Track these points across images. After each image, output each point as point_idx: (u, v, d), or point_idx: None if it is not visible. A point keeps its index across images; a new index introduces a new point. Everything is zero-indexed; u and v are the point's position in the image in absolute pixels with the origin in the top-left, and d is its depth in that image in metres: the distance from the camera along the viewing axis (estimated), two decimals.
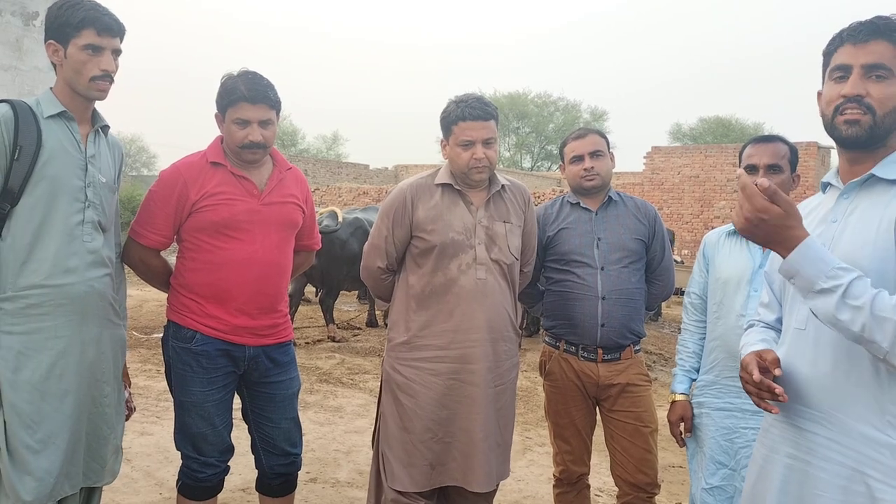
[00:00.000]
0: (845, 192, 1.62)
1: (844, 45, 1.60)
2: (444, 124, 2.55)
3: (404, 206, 2.54)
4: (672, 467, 4.46)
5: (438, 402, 2.43)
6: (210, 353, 2.49)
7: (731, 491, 2.44)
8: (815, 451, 1.54)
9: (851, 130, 1.56)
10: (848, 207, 1.59)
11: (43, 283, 2.11)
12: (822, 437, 1.53)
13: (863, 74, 1.56)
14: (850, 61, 1.58)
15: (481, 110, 2.47)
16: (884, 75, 1.54)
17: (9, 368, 2.08)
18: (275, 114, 2.53)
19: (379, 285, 2.65)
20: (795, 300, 1.64)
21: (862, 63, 1.56)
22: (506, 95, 40.78)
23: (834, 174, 1.69)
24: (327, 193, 20.38)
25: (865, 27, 1.57)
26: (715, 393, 2.54)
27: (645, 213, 2.89)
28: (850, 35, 1.60)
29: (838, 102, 1.58)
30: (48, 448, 2.11)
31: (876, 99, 1.54)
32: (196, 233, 2.50)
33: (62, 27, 2.15)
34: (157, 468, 3.97)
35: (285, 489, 2.73)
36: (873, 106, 1.54)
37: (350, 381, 6.33)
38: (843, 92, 1.57)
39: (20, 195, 2.09)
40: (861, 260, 1.49)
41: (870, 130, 1.55)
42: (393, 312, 2.59)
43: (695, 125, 38.19)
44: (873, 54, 1.55)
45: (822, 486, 1.52)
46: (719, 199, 16.97)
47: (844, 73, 1.59)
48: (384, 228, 2.55)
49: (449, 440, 2.44)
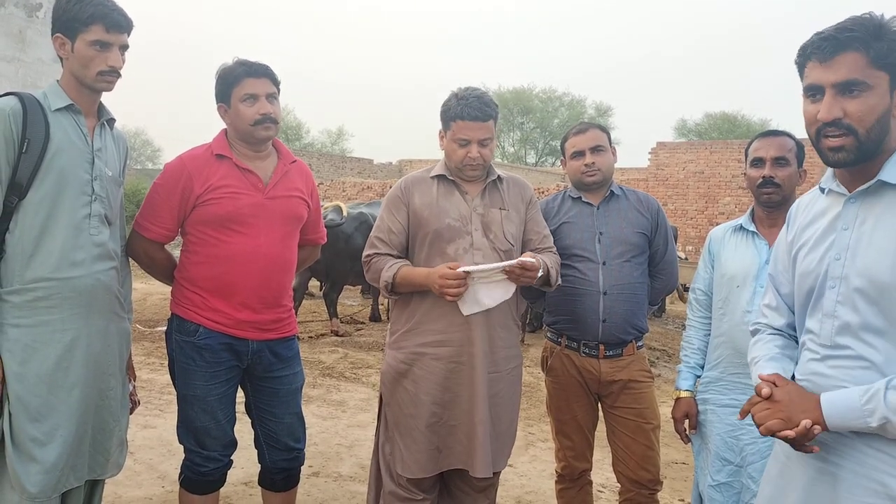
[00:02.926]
0: (853, 198, 1.56)
1: (812, 61, 1.52)
2: (443, 117, 2.55)
3: (402, 193, 2.58)
4: (675, 464, 4.46)
5: (441, 386, 2.44)
6: (213, 346, 2.49)
7: (738, 487, 2.43)
8: (846, 455, 1.50)
9: (839, 156, 1.50)
10: (858, 213, 1.54)
11: (50, 276, 2.11)
12: (854, 441, 1.49)
13: (835, 94, 1.48)
14: (821, 81, 1.49)
15: (480, 111, 2.45)
16: (858, 90, 1.46)
17: (16, 361, 2.08)
18: (277, 91, 2.55)
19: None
20: (814, 311, 1.60)
21: (832, 82, 1.48)
22: (510, 90, 40.71)
23: (831, 177, 1.63)
24: (331, 188, 20.39)
25: (829, 42, 1.48)
26: (720, 389, 2.53)
27: (647, 207, 2.88)
28: (813, 52, 1.51)
29: (817, 126, 1.51)
30: (54, 440, 2.12)
31: (854, 117, 1.47)
32: (200, 226, 2.50)
33: (70, 21, 2.14)
34: (159, 461, 3.98)
35: (288, 484, 2.73)
36: (853, 126, 1.47)
37: (353, 375, 6.34)
38: (818, 116, 1.50)
39: (28, 188, 2.09)
40: (881, 274, 1.45)
41: (856, 151, 1.49)
42: (396, 303, 2.60)
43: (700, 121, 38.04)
44: (841, 71, 1.46)
45: (853, 490, 1.48)
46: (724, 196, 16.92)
47: (817, 93, 1.51)
48: (386, 218, 2.57)
49: (454, 423, 2.45)
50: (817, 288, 1.59)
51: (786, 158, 2.47)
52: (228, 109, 2.51)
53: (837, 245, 1.55)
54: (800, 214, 1.73)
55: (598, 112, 41.04)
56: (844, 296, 1.52)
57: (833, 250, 1.55)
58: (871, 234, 1.50)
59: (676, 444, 4.40)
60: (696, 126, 37.86)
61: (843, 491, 1.49)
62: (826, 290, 1.56)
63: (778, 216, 2.51)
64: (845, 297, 1.52)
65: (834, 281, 1.54)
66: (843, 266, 1.53)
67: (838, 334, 1.53)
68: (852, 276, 1.51)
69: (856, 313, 1.50)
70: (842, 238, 1.55)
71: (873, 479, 1.45)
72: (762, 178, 2.46)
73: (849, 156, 1.49)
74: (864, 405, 1.40)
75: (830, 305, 1.55)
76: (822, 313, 1.57)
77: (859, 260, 1.50)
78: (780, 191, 2.46)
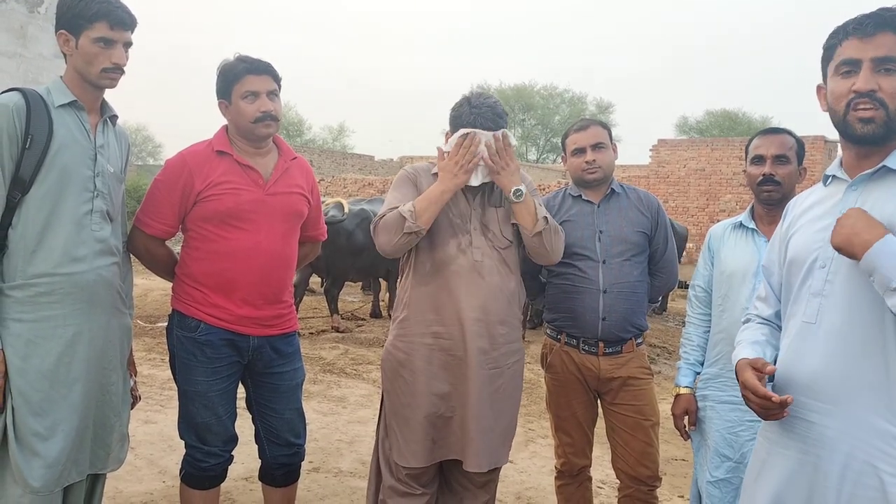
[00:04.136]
0: (854, 185, 1.60)
1: (850, 39, 1.58)
2: (453, 122, 2.51)
3: (411, 176, 2.58)
4: (675, 460, 4.47)
5: (438, 377, 2.45)
6: (214, 342, 2.50)
7: (736, 483, 2.44)
8: (825, 445, 1.54)
9: (868, 128, 1.55)
10: (858, 199, 1.58)
11: (52, 271, 2.12)
12: (832, 431, 1.53)
13: (873, 68, 1.54)
14: (859, 55, 1.55)
15: (493, 122, 2.44)
16: (894, 68, 1.52)
17: (18, 356, 2.09)
18: (278, 88, 2.55)
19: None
20: (802, 294, 1.64)
21: (871, 56, 1.54)
22: (512, 87, 40.65)
23: (837, 166, 1.68)
24: (332, 184, 20.39)
25: (872, 19, 1.55)
26: (719, 386, 2.54)
27: (647, 205, 2.88)
28: (855, 28, 1.57)
29: (849, 98, 1.56)
30: (56, 435, 2.13)
31: (888, 93, 1.52)
32: (201, 222, 2.51)
33: (74, 18, 2.14)
34: (160, 456, 3.99)
35: (288, 479, 2.74)
36: (885, 100, 1.53)
37: (353, 371, 6.36)
38: (854, 87, 1.55)
39: (31, 184, 2.10)
40: None
41: (885, 126, 1.54)
42: (398, 291, 2.61)
43: (701, 118, 38.02)
44: (882, 47, 1.53)
45: (833, 480, 1.51)
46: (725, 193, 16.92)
47: (852, 68, 1.56)
48: (398, 195, 2.53)
49: (450, 415, 2.46)
50: (805, 270, 1.63)
51: (786, 156, 2.47)
52: (229, 106, 2.52)
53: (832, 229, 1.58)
54: (796, 207, 1.78)
55: (599, 109, 40.99)
56: (835, 274, 1.57)
57: (827, 232, 1.58)
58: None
59: (676, 441, 4.41)
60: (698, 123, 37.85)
61: (825, 481, 1.53)
62: (815, 270, 1.61)
63: (777, 214, 2.51)
64: (836, 275, 1.56)
65: (825, 261, 1.59)
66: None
67: (825, 311, 1.57)
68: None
69: (846, 291, 1.54)
70: None
71: (853, 468, 1.49)
72: (762, 175, 2.47)
73: (878, 129, 1.54)
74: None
75: (819, 285, 1.59)
76: (810, 293, 1.61)
77: None
78: (780, 188, 2.46)
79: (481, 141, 2.40)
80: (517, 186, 2.43)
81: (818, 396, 1.56)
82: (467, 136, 2.40)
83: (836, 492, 1.51)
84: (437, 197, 2.40)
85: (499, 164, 2.42)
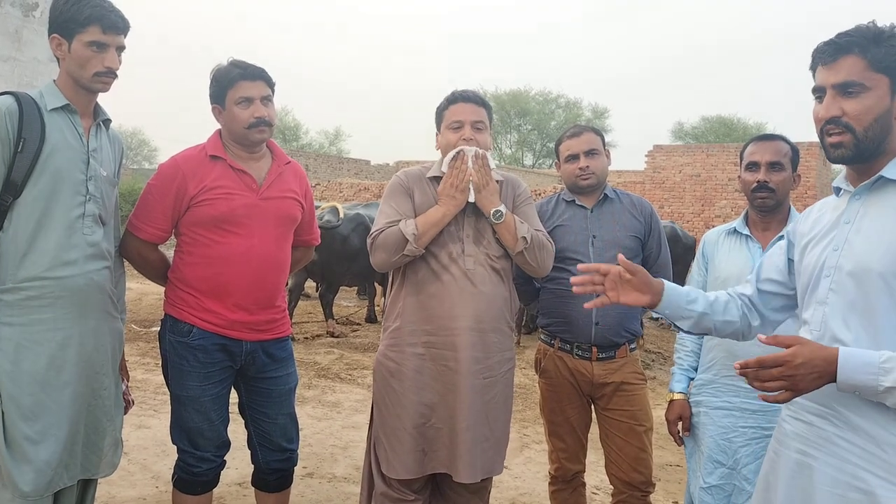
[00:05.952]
0: (856, 194, 1.65)
1: (818, 67, 1.64)
2: (437, 115, 2.62)
3: (404, 184, 2.57)
4: (669, 466, 4.46)
5: (428, 387, 2.44)
6: (207, 347, 2.49)
7: (729, 489, 2.44)
8: (821, 447, 1.57)
9: (838, 153, 1.61)
10: (860, 209, 1.63)
11: (43, 275, 2.11)
12: (829, 433, 1.56)
13: (835, 94, 1.59)
14: (823, 83, 1.62)
15: (474, 95, 2.57)
16: (856, 91, 1.57)
17: (8, 360, 2.08)
18: (272, 93, 2.55)
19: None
20: (809, 301, 1.68)
21: (832, 83, 1.60)
22: (507, 92, 40.71)
23: (843, 178, 1.72)
24: (328, 189, 20.36)
25: (830, 47, 1.61)
26: (713, 392, 2.54)
27: (641, 210, 2.89)
28: (818, 57, 1.64)
29: (821, 125, 1.62)
30: (47, 439, 2.12)
31: (852, 116, 1.57)
32: (194, 227, 2.50)
33: (67, 22, 2.14)
34: (153, 461, 3.98)
35: (281, 485, 2.73)
36: (851, 124, 1.57)
37: (348, 376, 6.34)
38: (819, 115, 1.62)
39: (23, 188, 2.09)
40: (873, 262, 1.53)
41: (855, 148, 1.59)
42: (389, 301, 2.60)
43: (697, 124, 38.12)
44: (841, 72, 1.58)
45: (826, 482, 1.55)
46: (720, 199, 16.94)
47: (822, 95, 1.63)
48: (393, 205, 2.53)
49: (440, 426, 2.44)
50: (814, 279, 1.67)
51: (781, 163, 2.48)
52: (223, 111, 2.52)
53: (838, 238, 1.64)
54: (812, 214, 1.82)
55: (594, 114, 41.06)
56: (837, 283, 1.60)
57: (833, 243, 1.64)
58: (869, 226, 1.59)
59: (670, 447, 4.41)
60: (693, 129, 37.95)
61: (818, 483, 1.56)
62: (822, 279, 1.65)
63: (771, 220, 2.52)
64: (838, 284, 1.60)
65: (829, 270, 1.63)
66: (839, 256, 1.61)
67: (827, 320, 1.60)
68: (845, 264, 1.59)
69: (844, 298, 1.57)
70: (842, 232, 1.64)
71: (846, 471, 1.52)
72: (757, 182, 2.47)
73: (847, 152, 1.59)
74: (882, 363, 1.43)
75: (823, 293, 1.63)
76: (816, 301, 1.65)
77: (854, 250, 1.58)
78: (775, 195, 2.47)
79: (469, 157, 2.46)
80: (496, 207, 2.45)
81: (817, 399, 1.59)
82: (456, 156, 2.46)
83: (828, 494, 1.53)
84: (439, 220, 2.45)
85: (480, 181, 2.45)
